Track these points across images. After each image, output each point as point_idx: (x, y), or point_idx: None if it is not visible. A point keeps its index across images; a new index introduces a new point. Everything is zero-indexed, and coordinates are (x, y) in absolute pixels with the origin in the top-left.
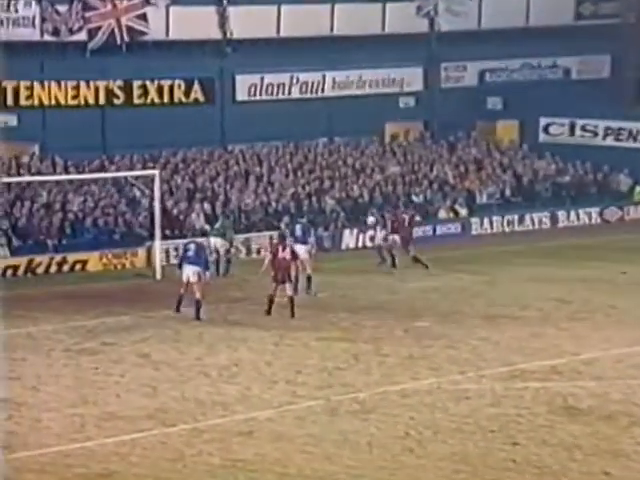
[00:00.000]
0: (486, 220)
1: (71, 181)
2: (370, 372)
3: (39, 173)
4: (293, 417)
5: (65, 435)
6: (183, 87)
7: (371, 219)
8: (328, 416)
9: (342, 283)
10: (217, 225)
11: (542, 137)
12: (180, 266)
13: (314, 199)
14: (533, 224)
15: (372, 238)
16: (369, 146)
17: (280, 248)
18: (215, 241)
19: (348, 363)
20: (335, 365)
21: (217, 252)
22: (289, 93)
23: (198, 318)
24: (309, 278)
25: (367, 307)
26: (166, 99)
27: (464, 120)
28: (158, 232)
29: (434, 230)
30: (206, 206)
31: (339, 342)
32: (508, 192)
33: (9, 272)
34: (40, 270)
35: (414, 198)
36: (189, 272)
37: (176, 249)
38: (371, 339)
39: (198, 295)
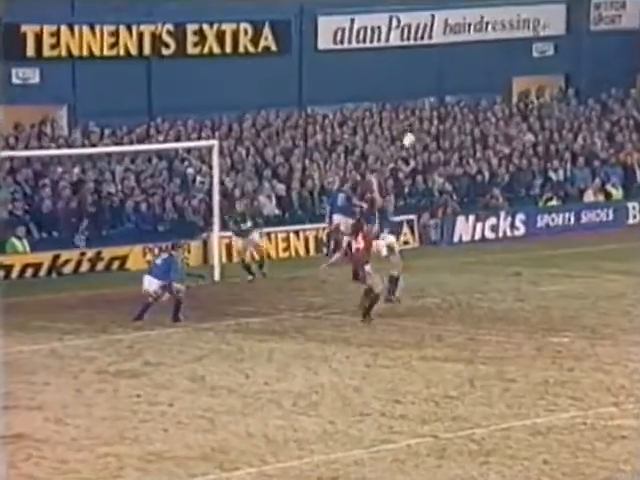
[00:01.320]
0: None
1: (108, 155)
2: (490, 402)
3: (67, 144)
4: (389, 460)
5: None
6: (250, 32)
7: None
8: (435, 459)
9: (453, 286)
10: (247, 226)
11: None
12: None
13: (419, 177)
14: None
15: (494, 227)
16: (491, 107)
17: (356, 237)
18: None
19: (461, 390)
20: (444, 393)
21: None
22: (387, 39)
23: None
24: (395, 279)
25: (486, 317)
26: (228, 48)
27: (620, 74)
28: (217, 220)
29: (577, 217)
30: (279, 186)
31: (449, 363)
32: None
33: (28, 272)
34: (68, 269)
35: (551, 175)
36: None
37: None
38: (492, 359)
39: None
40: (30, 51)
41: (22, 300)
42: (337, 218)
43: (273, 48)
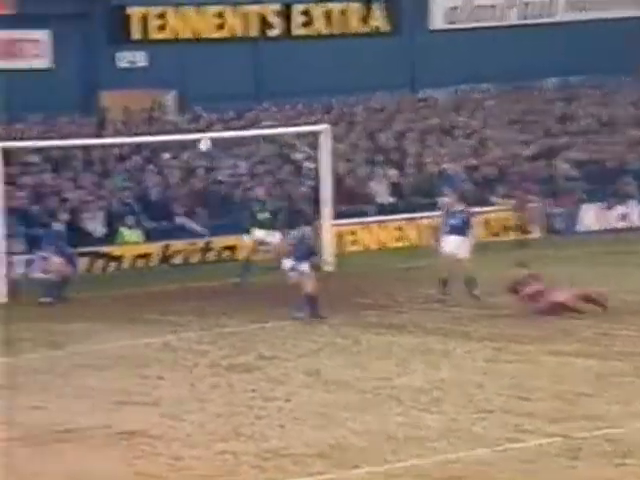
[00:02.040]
0: None
1: (217, 140)
2: (628, 400)
3: (177, 130)
4: (517, 460)
5: (213, 478)
6: (360, 11)
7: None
8: (567, 459)
9: (587, 278)
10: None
11: None
12: None
13: (541, 162)
14: None
15: (624, 216)
16: (622, 88)
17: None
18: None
19: (595, 387)
20: (575, 389)
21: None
22: (504, 18)
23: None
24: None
25: (621, 311)
26: (337, 28)
27: None
28: (328, 208)
29: None
30: (392, 172)
31: (580, 358)
32: None
33: (139, 262)
34: (178, 259)
35: None
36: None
37: (353, 232)
38: (628, 355)
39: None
40: (136, 33)
41: (133, 292)
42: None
43: (384, 28)
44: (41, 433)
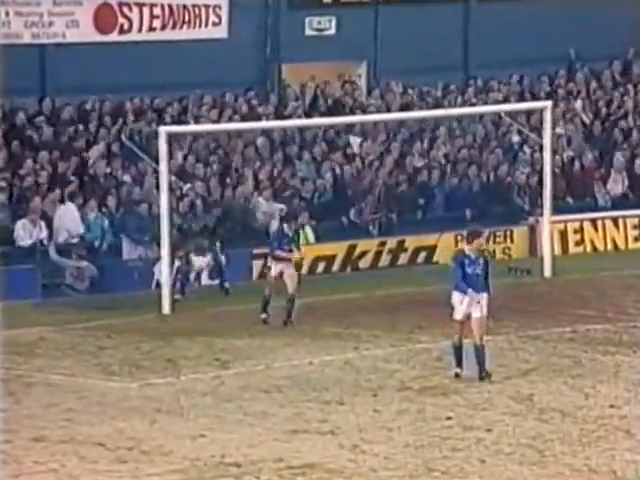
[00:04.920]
0: None
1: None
2: None
3: (362, 109)
4: None
5: None
6: None
7: None
8: None
9: None
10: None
11: None
12: None
13: None
14: None
15: None
16: None
17: None
18: None
19: None
20: None
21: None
22: None
23: None
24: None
25: None
26: None
27: None
28: (548, 202)
29: None
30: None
31: None
32: None
33: (318, 266)
34: (363, 263)
35: None
36: None
37: (578, 230)
38: None
39: None
40: None
41: (309, 301)
42: None
43: None
44: (205, 466)
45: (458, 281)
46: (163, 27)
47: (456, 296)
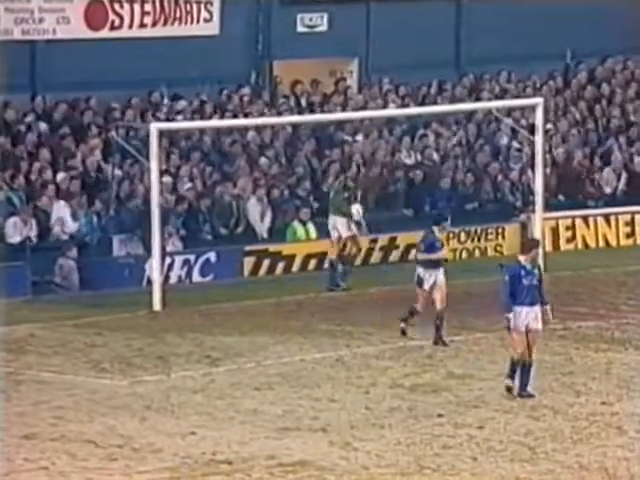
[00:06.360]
0: None
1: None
2: None
3: (361, 106)
4: None
5: None
6: None
7: None
8: None
9: None
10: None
11: None
12: None
13: None
14: None
15: None
16: None
17: None
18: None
19: None
20: None
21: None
22: None
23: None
24: None
25: None
26: None
27: None
28: (540, 199)
29: None
30: (621, 157)
31: None
32: None
33: (311, 263)
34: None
35: None
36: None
37: (569, 226)
38: None
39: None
40: None
41: (302, 298)
42: None
43: None
44: (196, 463)
45: (506, 297)
46: (154, 23)
47: (518, 310)
